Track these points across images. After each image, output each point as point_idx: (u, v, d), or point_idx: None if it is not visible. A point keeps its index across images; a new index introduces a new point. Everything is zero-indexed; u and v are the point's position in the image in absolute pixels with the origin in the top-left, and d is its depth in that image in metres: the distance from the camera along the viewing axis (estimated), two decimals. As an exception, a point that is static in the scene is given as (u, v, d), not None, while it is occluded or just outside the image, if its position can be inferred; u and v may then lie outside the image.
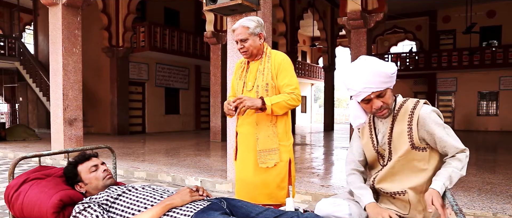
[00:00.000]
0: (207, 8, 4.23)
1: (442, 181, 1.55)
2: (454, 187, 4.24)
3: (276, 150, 2.21)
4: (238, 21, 2.22)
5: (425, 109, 1.63)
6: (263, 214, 1.65)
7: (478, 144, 10.70)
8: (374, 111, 1.66)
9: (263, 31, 2.25)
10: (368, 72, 1.58)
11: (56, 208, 1.71)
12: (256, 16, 2.24)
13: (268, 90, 2.22)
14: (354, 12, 8.00)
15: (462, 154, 1.62)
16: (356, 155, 1.85)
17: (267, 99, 2.12)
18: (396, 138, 1.67)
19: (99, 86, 13.63)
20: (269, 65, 2.25)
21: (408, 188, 1.68)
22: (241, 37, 2.19)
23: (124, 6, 12.70)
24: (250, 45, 2.21)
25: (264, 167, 2.21)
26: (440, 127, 1.61)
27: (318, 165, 6.08)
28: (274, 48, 2.64)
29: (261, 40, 2.26)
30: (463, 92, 17.84)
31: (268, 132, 2.21)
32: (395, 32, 19.76)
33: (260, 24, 2.22)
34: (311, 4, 15.05)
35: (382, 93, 1.62)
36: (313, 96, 29.81)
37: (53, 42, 6.35)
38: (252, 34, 2.20)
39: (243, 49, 2.22)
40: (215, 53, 10.70)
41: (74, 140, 6.37)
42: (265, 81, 2.22)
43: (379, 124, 1.75)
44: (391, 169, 1.71)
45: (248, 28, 2.18)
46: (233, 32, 2.24)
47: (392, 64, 1.63)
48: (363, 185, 1.77)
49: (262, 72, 2.24)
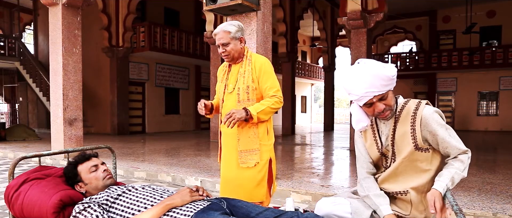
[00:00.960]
0: (207, 8, 4.23)
1: (445, 182, 1.56)
2: (454, 187, 4.24)
3: (257, 150, 2.27)
4: (219, 26, 2.27)
5: (427, 110, 1.63)
6: (263, 214, 1.66)
7: (478, 144, 10.70)
8: (376, 113, 1.65)
9: (243, 35, 2.32)
10: (369, 76, 1.56)
11: (56, 208, 1.71)
12: (237, 21, 2.30)
13: (248, 93, 2.27)
14: (354, 12, 8.00)
15: (464, 155, 1.63)
16: (367, 156, 1.82)
17: (252, 109, 2.16)
18: (399, 139, 1.67)
19: (99, 86, 13.63)
20: (250, 68, 2.30)
21: (410, 188, 1.69)
22: (223, 41, 2.24)
23: (124, 6, 12.70)
24: (232, 49, 2.26)
25: (244, 167, 2.27)
26: (443, 127, 1.62)
27: (318, 165, 6.08)
28: (274, 48, 2.67)
29: (242, 43, 2.31)
30: (463, 92, 17.84)
31: (249, 132, 2.26)
32: (395, 32, 19.76)
33: (240, 28, 2.28)
34: (311, 4, 15.05)
35: (384, 96, 1.61)
36: (313, 96, 29.81)
37: (53, 42, 6.35)
38: (234, 39, 2.25)
39: (224, 53, 2.28)
40: (215, 53, 10.70)
41: (74, 140, 6.37)
42: (246, 84, 2.27)
43: (381, 125, 1.75)
44: (394, 169, 1.71)
45: (229, 32, 2.23)
46: (214, 36, 2.29)
47: (392, 66, 1.62)
48: (381, 192, 1.74)
49: (243, 75, 2.29)
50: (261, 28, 4.41)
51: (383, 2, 8.10)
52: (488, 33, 17.13)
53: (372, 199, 1.73)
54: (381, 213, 1.69)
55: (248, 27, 4.36)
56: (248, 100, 2.26)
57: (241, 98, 2.27)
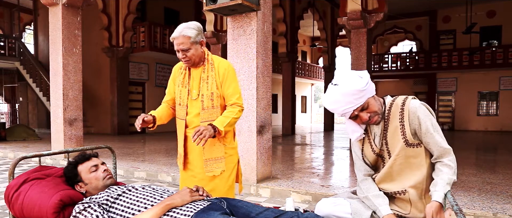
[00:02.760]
0: (207, 8, 4.23)
1: (442, 191, 1.57)
2: (454, 187, 4.24)
3: (222, 158, 2.22)
4: (177, 30, 2.14)
5: (413, 103, 1.67)
6: (263, 214, 1.66)
7: (478, 144, 10.70)
8: (364, 122, 1.70)
9: (203, 37, 2.23)
10: (339, 95, 1.62)
11: (56, 208, 1.71)
12: (194, 21, 2.17)
13: (213, 100, 2.21)
14: (354, 12, 8.00)
15: (450, 158, 1.64)
16: (364, 164, 1.85)
17: (218, 124, 2.10)
18: (391, 137, 1.69)
19: (99, 86, 13.63)
20: (213, 73, 2.23)
21: (408, 186, 1.70)
22: (183, 47, 2.12)
23: (124, 6, 12.70)
24: (193, 54, 2.16)
25: (210, 175, 2.22)
26: (428, 121, 1.64)
27: (318, 165, 6.08)
28: (274, 48, 2.64)
29: (203, 47, 2.23)
30: (463, 92, 17.83)
31: (213, 140, 2.20)
32: (395, 32, 19.76)
33: (200, 30, 2.18)
34: (311, 4, 15.05)
35: (364, 106, 1.65)
36: (313, 96, 29.80)
37: (53, 42, 6.35)
38: (194, 43, 2.15)
39: (185, 59, 2.17)
40: (215, 53, 10.70)
41: (74, 140, 6.37)
42: (210, 91, 2.20)
43: (374, 127, 1.77)
44: (389, 168, 1.72)
45: (190, 37, 2.12)
46: (173, 40, 2.17)
47: (362, 75, 1.64)
48: (379, 193, 1.76)
49: (206, 81, 2.21)
50: (261, 28, 4.41)
51: (383, 2, 8.10)
52: (488, 33, 17.13)
53: (371, 200, 1.74)
54: (380, 213, 1.70)
55: (248, 27, 4.36)
56: (213, 108, 2.21)
57: (205, 106, 2.20)
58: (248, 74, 4.37)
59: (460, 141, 11.82)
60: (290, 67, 14.20)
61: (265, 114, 4.53)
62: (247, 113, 4.37)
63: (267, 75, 4.57)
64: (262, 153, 4.47)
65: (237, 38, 4.44)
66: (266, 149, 4.57)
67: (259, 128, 4.40)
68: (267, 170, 4.63)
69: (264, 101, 4.51)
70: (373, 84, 1.67)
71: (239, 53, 4.43)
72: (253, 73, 4.34)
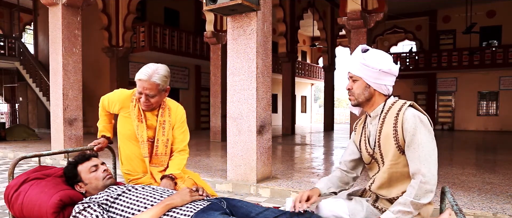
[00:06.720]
0: (207, 8, 4.23)
1: (391, 211, 1.53)
2: (454, 187, 4.24)
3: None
4: (147, 73, 2.00)
5: (409, 111, 1.60)
6: (263, 214, 1.66)
7: (478, 144, 10.70)
8: (347, 89, 1.76)
9: (169, 83, 2.15)
10: (356, 54, 1.69)
11: (56, 208, 1.71)
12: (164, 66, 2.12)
13: (167, 147, 2.24)
14: (354, 12, 8.00)
15: (417, 180, 1.53)
16: (347, 156, 1.92)
17: (175, 172, 2.14)
18: (384, 141, 1.66)
19: (99, 86, 13.62)
20: (170, 119, 2.22)
21: (403, 192, 1.68)
22: (149, 92, 2.02)
23: (124, 6, 12.70)
24: (156, 101, 2.10)
25: None
26: (417, 135, 1.54)
27: (318, 165, 6.08)
28: (274, 48, 2.63)
29: (167, 93, 2.17)
30: (463, 92, 17.83)
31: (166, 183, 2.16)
32: (395, 32, 19.75)
33: (169, 77, 2.10)
34: (311, 4, 15.05)
35: (354, 78, 1.71)
36: (313, 96, 29.81)
37: (53, 42, 6.35)
38: (161, 91, 2.07)
39: (146, 103, 2.07)
40: (215, 53, 10.71)
41: (74, 140, 6.37)
42: (166, 137, 2.22)
43: (370, 126, 1.77)
44: (384, 174, 1.69)
45: (159, 85, 2.03)
46: (138, 81, 2.03)
47: (389, 71, 1.65)
48: (326, 179, 1.91)
49: (163, 126, 2.19)
50: (261, 28, 4.41)
51: (383, 2, 8.10)
52: (488, 33, 17.13)
53: (323, 178, 1.92)
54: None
55: (248, 27, 4.36)
56: (165, 155, 2.24)
57: (159, 152, 2.20)
58: (248, 74, 4.37)
59: (460, 141, 11.83)
60: (290, 67, 14.20)
61: (265, 114, 4.53)
62: (247, 112, 4.37)
63: (267, 75, 4.57)
64: (262, 153, 4.47)
65: (237, 38, 4.44)
66: (266, 149, 4.57)
67: (259, 127, 4.40)
68: (267, 170, 4.63)
69: (264, 101, 4.51)
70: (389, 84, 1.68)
71: (239, 53, 4.43)
72: (253, 73, 4.33)
